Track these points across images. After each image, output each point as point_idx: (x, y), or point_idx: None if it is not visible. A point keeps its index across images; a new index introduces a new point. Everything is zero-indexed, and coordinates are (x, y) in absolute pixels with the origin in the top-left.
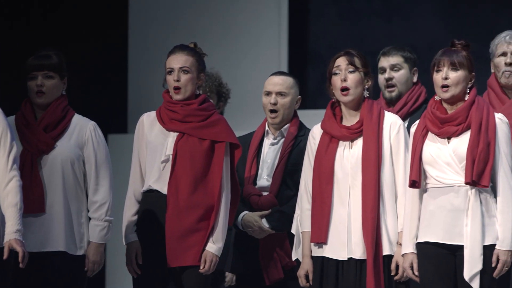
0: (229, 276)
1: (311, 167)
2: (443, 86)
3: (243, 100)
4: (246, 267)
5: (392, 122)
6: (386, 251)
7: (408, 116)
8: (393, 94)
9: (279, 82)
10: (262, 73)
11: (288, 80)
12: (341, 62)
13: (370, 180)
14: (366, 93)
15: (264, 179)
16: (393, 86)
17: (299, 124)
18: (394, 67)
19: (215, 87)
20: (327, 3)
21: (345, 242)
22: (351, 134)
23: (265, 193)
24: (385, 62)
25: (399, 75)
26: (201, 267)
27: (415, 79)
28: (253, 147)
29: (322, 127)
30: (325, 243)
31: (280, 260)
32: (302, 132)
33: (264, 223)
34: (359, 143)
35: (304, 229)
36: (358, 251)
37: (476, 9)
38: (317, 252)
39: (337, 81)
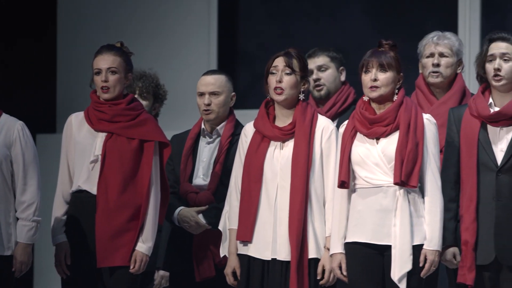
0: (158, 279)
1: (241, 164)
2: (372, 87)
3: (172, 100)
4: (179, 264)
5: (324, 126)
6: (312, 254)
7: (337, 117)
8: (322, 92)
9: (211, 82)
10: (192, 72)
11: (221, 79)
12: (279, 62)
13: (298, 182)
14: (301, 96)
15: (200, 178)
16: (321, 85)
17: (235, 123)
18: (321, 68)
19: (152, 88)
20: (256, 3)
21: (270, 242)
22: (283, 135)
23: (202, 191)
24: (311, 63)
25: (327, 75)
26: (131, 267)
27: (343, 78)
28: (188, 145)
29: (254, 125)
30: (250, 242)
31: (213, 257)
32: (239, 130)
33: (201, 218)
34: (290, 144)
35: (231, 226)
36: (282, 252)
37: (404, 10)
38: (243, 250)
39: (272, 81)
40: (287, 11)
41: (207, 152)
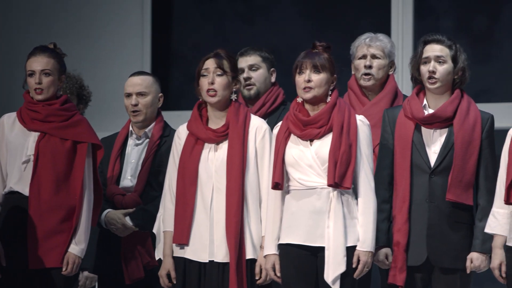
0: (82, 279)
1: (175, 167)
2: (305, 88)
3: (106, 101)
4: (108, 267)
5: (258, 126)
6: (249, 255)
7: (266, 117)
8: (252, 92)
9: (138, 82)
10: (125, 74)
11: (147, 79)
12: (210, 64)
13: (234, 183)
14: (233, 96)
15: (127, 180)
16: (251, 84)
17: (163, 124)
18: (252, 67)
19: (75, 89)
20: (190, 4)
21: (206, 245)
22: (217, 137)
23: (129, 194)
24: (243, 62)
25: (258, 75)
26: (64, 269)
27: (273, 79)
28: (117, 147)
29: (188, 128)
30: (187, 244)
31: (141, 259)
32: (167, 132)
33: (128, 220)
34: (224, 146)
35: (166, 229)
36: (220, 254)
37: (338, 12)
38: (179, 253)
39: (204, 83)
40: (221, 12)
41: (135, 153)
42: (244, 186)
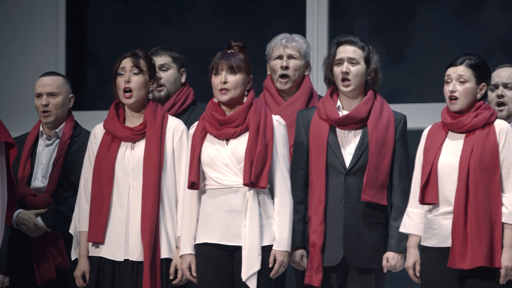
0: None
1: (91, 166)
2: (222, 89)
3: (21, 101)
4: (20, 268)
5: (175, 126)
6: (164, 254)
7: (176, 117)
8: (162, 93)
9: (49, 83)
10: (40, 73)
11: (58, 80)
12: (126, 63)
13: (150, 182)
14: (150, 95)
15: (38, 180)
16: (161, 86)
17: (74, 124)
18: (162, 67)
19: None
20: (105, 4)
21: (122, 243)
22: (134, 136)
23: (40, 194)
24: None
25: (168, 75)
26: None
27: (183, 80)
28: (27, 148)
29: (104, 126)
30: (102, 243)
31: (53, 260)
32: (78, 132)
33: (39, 221)
34: (141, 145)
35: (81, 229)
36: (135, 253)
37: (253, 12)
38: (94, 252)
39: (121, 82)
40: (137, 11)
41: (46, 154)
42: (161, 185)
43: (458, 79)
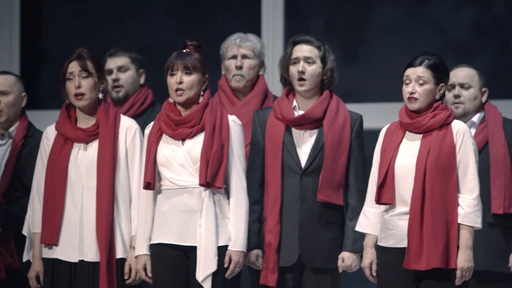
0: None
1: (44, 168)
2: (178, 90)
3: None
4: None
5: (128, 126)
6: (119, 254)
7: (135, 118)
8: (120, 94)
9: (0, 82)
10: None
11: (9, 79)
12: (74, 67)
13: (104, 182)
14: (100, 95)
15: None
16: (119, 86)
17: (27, 124)
18: (121, 68)
19: None
20: (60, 3)
21: (76, 244)
22: (87, 136)
23: None
24: (112, 63)
25: (126, 76)
26: None
27: (142, 81)
28: None
29: (56, 128)
30: (56, 244)
31: (3, 260)
32: (31, 132)
33: None
34: (94, 145)
35: (35, 230)
36: (90, 253)
37: (208, 11)
38: (48, 253)
39: (71, 88)
40: (91, 11)
41: None
42: (115, 185)
43: (417, 80)
